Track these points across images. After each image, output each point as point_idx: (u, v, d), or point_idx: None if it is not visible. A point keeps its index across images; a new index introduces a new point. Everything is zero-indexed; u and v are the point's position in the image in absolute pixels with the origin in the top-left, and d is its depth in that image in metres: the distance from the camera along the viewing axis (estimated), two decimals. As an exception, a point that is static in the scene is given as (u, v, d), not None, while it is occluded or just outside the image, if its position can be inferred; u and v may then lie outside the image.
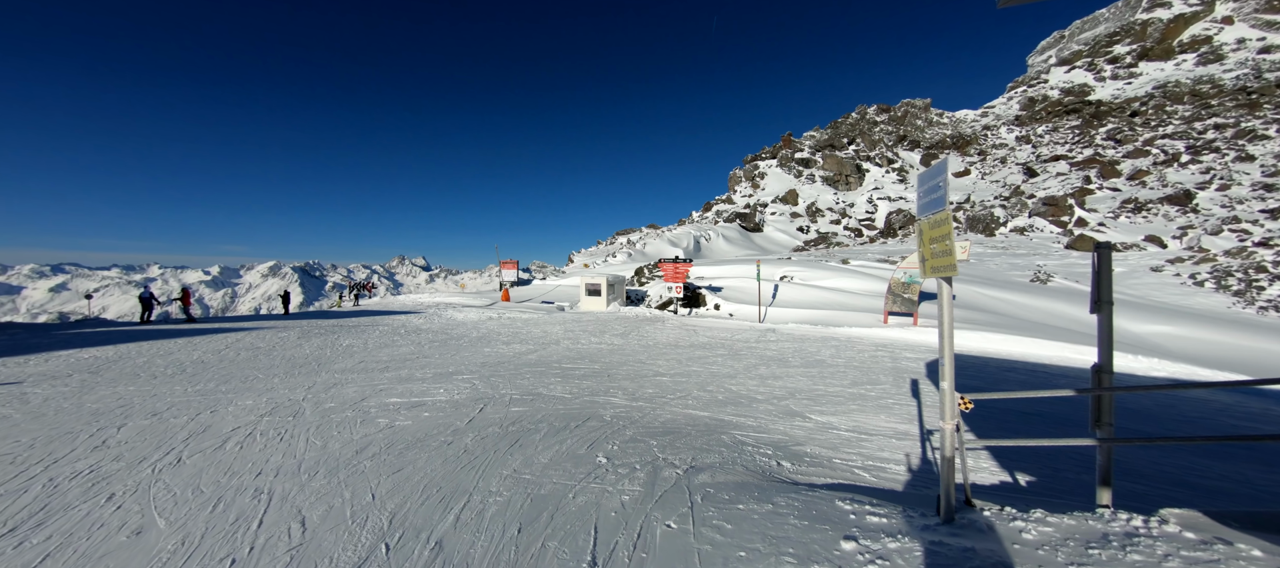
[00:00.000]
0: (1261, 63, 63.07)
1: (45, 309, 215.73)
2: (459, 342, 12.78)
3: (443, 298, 28.41)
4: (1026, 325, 16.86)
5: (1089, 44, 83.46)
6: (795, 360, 11.00)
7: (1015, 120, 75.69)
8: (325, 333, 14.02)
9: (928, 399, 8.06)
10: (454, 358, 10.27)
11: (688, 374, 9.17)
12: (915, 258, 16.35)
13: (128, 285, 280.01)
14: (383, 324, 16.83)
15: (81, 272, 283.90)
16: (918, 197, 2.95)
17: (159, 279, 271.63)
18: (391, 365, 9.35)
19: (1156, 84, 68.77)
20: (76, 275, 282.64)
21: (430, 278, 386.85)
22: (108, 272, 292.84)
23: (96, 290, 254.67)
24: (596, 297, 21.61)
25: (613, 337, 14.05)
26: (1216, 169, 45.80)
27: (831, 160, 65.22)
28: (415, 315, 19.84)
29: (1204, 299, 20.04)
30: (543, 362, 9.95)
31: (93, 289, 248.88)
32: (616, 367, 9.62)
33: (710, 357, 11.15)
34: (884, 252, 35.30)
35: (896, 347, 13.74)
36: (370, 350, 11.13)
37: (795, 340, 13.99)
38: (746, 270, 25.30)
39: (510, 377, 8.34)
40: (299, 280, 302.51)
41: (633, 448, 4.64)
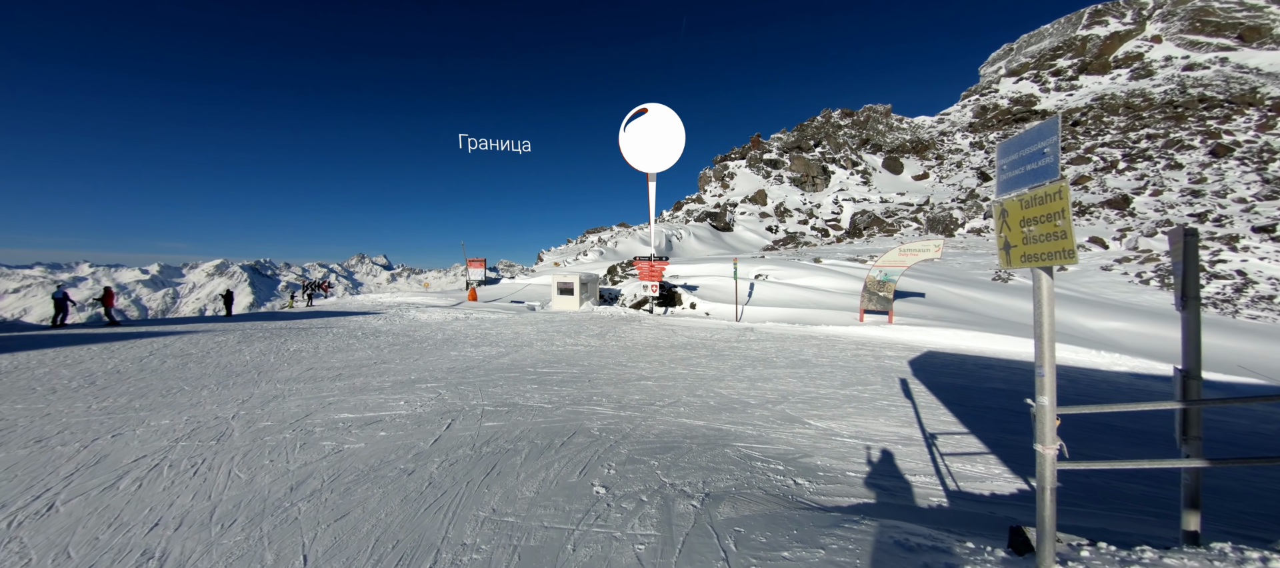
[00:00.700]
0: (1185, 79, 68.21)
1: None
2: (422, 345, 11.75)
3: (405, 298, 26.82)
4: (995, 322, 17.19)
5: (1035, 57, 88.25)
6: (780, 361, 10.61)
7: (969, 127, 79.16)
8: (270, 337, 12.66)
9: (921, 400, 7.76)
10: (417, 363, 9.31)
11: (673, 377, 8.58)
12: (890, 256, 16.38)
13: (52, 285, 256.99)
14: (338, 326, 15.50)
15: (0, 271, 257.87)
16: (1001, 169, 2.44)
17: (89, 278, 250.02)
18: (344, 373, 8.33)
19: (1095, 96, 73.28)
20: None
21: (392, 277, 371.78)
22: (30, 270, 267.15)
23: (15, 291, 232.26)
24: (569, 296, 20.78)
25: (589, 337, 13.33)
26: (1149, 176, 49.04)
27: (799, 162, 66.33)
28: (374, 316, 18.49)
29: (1150, 296, 21.09)
30: (516, 366, 9.14)
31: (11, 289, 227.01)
32: (596, 370, 8.93)
33: (693, 358, 10.61)
34: (851, 251, 35.91)
35: (876, 345, 13.62)
36: (321, 356, 10.01)
37: (776, 340, 13.66)
38: (721, 269, 25.03)
39: (481, 384, 7.51)
40: (249, 280, 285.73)
41: (632, 472, 4.00)
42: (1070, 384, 9.94)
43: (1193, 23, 75.04)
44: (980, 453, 5.74)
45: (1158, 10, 79.07)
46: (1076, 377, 10.90)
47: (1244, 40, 70.03)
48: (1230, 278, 20.80)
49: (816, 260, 27.01)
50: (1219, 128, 54.48)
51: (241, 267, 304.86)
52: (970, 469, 5.22)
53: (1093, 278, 23.72)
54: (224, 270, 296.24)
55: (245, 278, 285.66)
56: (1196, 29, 74.64)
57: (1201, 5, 75.40)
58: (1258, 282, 20.45)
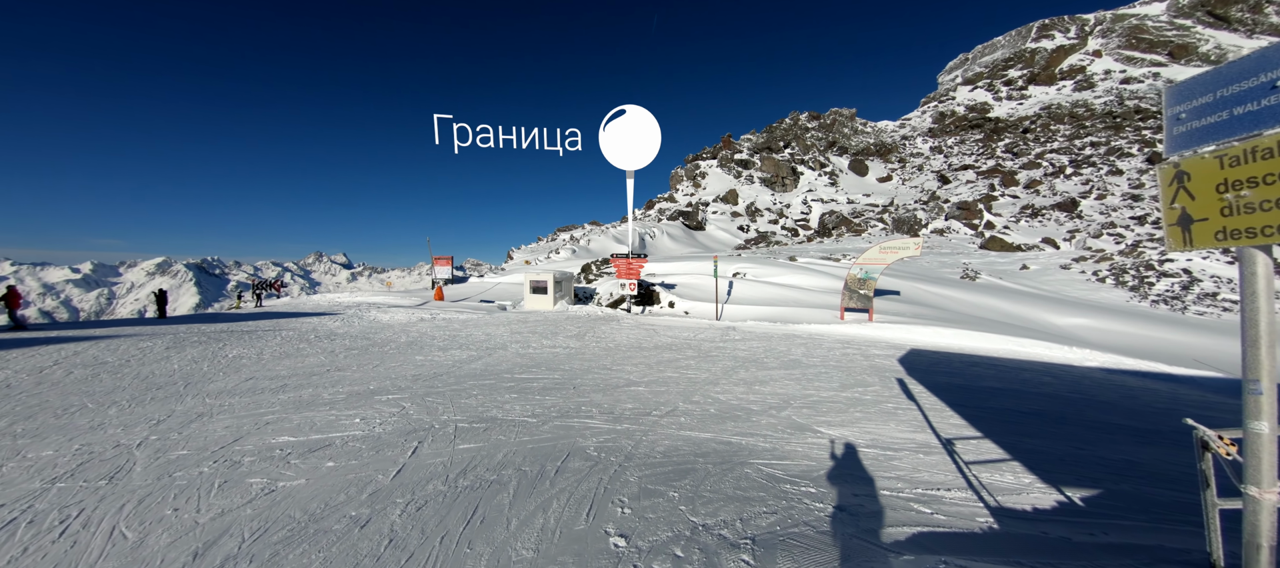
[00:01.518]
0: (1123, 92, 72.78)
1: None
2: (384, 348, 10.62)
3: (366, 297, 25.01)
4: (969, 319, 17.34)
5: (988, 67, 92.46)
6: (771, 361, 10.09)
7: (928, 132, 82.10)
8: (207, 341, 11.20)
9: (923, 402, 7.35)
10: (377, 370, 8.25)
11: (664, 382, 7.89)
12: (871, 254, 16.24)
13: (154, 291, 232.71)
14: (288, 328, 14.05)
15: None
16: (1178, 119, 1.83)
17: (12, 277, 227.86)
18: (291, 383, 7.21)
19: (1043, 105, 77.24)
20: None
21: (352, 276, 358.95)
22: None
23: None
24: (543, 295, 19.80)
25: (567, 339, 12.48)
26: (1094, 181, 51.90)
27: (769, 162, 67.03)
28: (330, 317, 16.99)
29: (1107, 294, 21.93)
30: (491, 372, 8.23)
31: None
32: (580, 375, 8.14)
33: (680, 360, 9.96)
34: (824, 250, 36.25)
35: (861, 343, 13.34)
36: (264, 363, 8.78)
37: (761, 339, 13.19)
38: (699, 267, 24.56)
39: (452, 394, 6.59)
40: (195, 280, 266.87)
41: (651, 510, 3.27)
42: (1055, 381, 9.85)
43: (1129, 40, 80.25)
44: (1002, 460, 5.32)
45: (1098, 27, 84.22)
46: (1058, 373, 10.85)
47: (1174, 57, 75.39)
48: (1178, 277, 21.85)
49: (792, 259, 26.95)
50: (1154, 137, 58.28)
51: (186, 265, 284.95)
52: (1001, 480, 4.75)
53: (1053, 277, 24.57)
54: (166, 269, 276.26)
55: (190, 278, 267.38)
56: (1132, 46, 79.88)
57: (1136, 24, 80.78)
58: (1202, 279, 21.53)
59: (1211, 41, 74.74)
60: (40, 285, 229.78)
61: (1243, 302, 1.62)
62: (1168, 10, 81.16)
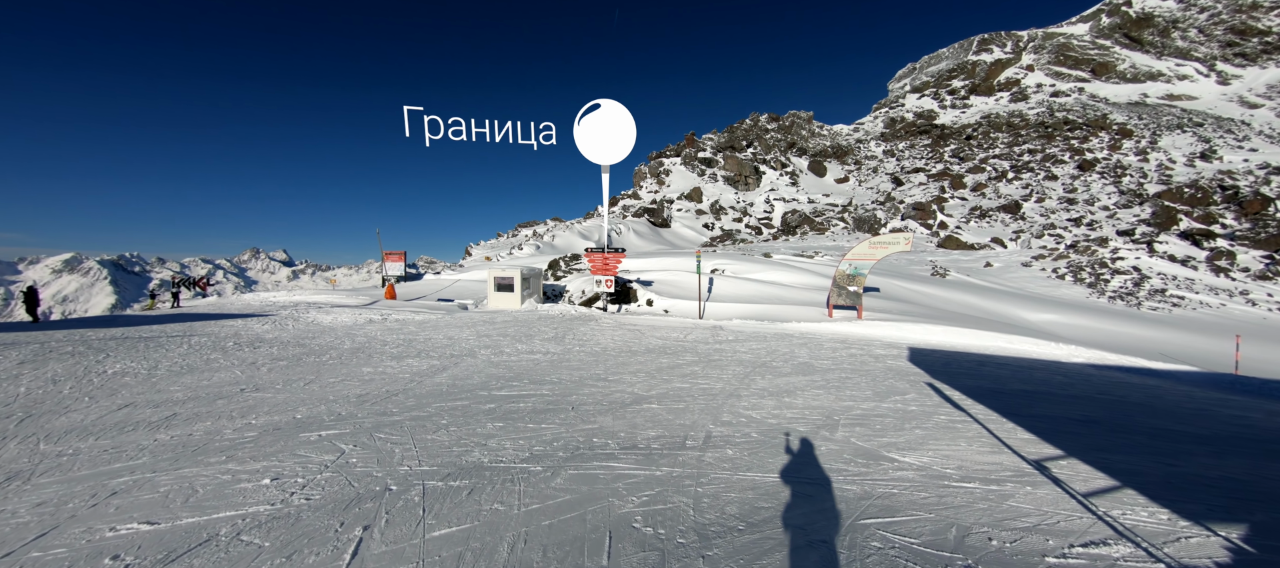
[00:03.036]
0: (1052, 104, 78.12)
1: None
2: (321, 357, 8.77)
3: (307, 296, 22.16)
4: (950, 316, 17.16)
5: (934, 77, 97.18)
6: (781, 365, 9.08)
7: (881, 136, 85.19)
8: (87, 352, 8.90)
9: (972, 410, 6.50)
10: (309, 389, 6.49)
11: (678, 396, 6.65)
12: (860, 250, 15.69)
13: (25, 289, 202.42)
14: (202, 333, 11.75)
15: None
16: None
17: None
18: (182, 412, 5.37)
19: (983, 114, 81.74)
20: None
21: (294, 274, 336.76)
22: None
23: None
24: (509, 293, 18.07)
25: (544, 342, 11.00)
26: (1033, 185, 55.10)
27: (732, 161, 67.20)
28: (259, 319, 14.57)
29: (1068, 290, 22.63)
30: (461, 388, 6.67)
31: None
32: (575, 389, 6.74)
33: (682, 365, 8.77)
34: (794, 248, 36.18)
35: (859, 342, 12.64)
36: (155, 382, 6.80)
37: (755, 339, 12.21)
38: (674, 263, 23.49)
39: (412, 426, 5.00)
40: (110, 278, 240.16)
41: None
42: (1068, 380, 9.41)
43: (1057, 56, 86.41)
44: (1113, 488, 4.43)
45: (1031, 43, 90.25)
46: (1066, 371, 10.49)
47: (1096, 74, 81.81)
48: (1129, 273, 22.83)
49: (767, 255, 26.41)
50: (1082, 146, 62.77)
51: (101, 262, 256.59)
52: (1145, 521, 3.80)
53: (1016, 273, 25.27)
54: (76, 266, 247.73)
55: (105, 275, 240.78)
56: (1060, 62, 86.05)
57: (1063, 42, 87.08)
58: (1150, 277, 22.57)
59: (1127, 61, 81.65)
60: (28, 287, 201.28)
61: None
62: (1090, 32, 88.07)
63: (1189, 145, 55.77)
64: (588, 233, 38.06)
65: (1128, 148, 59.75)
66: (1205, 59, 76.26)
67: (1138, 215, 43.14)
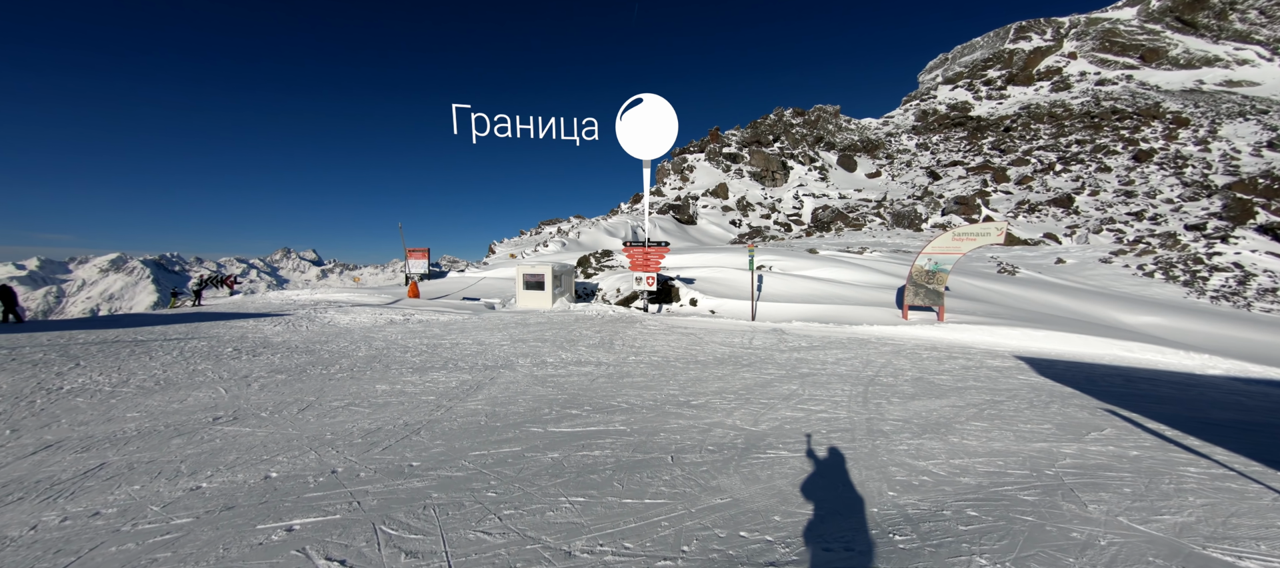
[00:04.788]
0: (1098, 93, 73.96)
1: None
2: (330, 368, 7.24)
3: (330, 294, 20.95)
4: (1043, 318, 14.98)
5: (968, 67, 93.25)
6: (893, 380, 7.26)
7: (912, 130, 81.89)
8: (53, 361, 7.52)
9: (1217, 455, 4.61)
10: (300, 422, 4.88)
11: (796, 431, 4.91)
12: (942, 242, 13.68)
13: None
14: (205, 336, 10.40)
15: None
16: None
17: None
18: (106, 468, 3.75)
19: (1022, 105, 77.88)
20: None
21: (323, 273, 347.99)
22: None
23: None
24: (539, 291, 16.49)
25: (591, 349, 9.33)
26: (1084, 178, 51.71)
27: (758, 156, 64.96)
28: (273, 320, 13.24)
29: (1160, 289, 20.14)
30: (504, 421, 5.00)
31: None
32: (659, 424, 5.03)
33: (772, 383, 7.00)
34: (831, 244, 33.99)
35: (956, 349, 10.68)
36: (111, 407, 5.28)
37: (836, 347, 10.35)
38: (715, 259, 21.68)
39: (444, 507, 3.31)
40: (152, 276, 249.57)
41: None
42: (1234, 398, 7.37)
43: (1102, 43, 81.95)
44: None
45: (1073, 29, 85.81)
46: (1182, 383, 8.39)
47: (1145, 61, 77.25)
48: (1231, 271, 20.24)
49: (813, 251, 24.41)
50: (1134, 136, 58.94)
51: (143, 262, 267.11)
52: None
53: (1094, 271, 22.80)
54: (121, 266, 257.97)
55: (148, 274, 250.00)
56: (1105, 49, 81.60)
57: (1109, 28, 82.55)
58: (1256, 274, 19.95)
59: (1180, 46, 76.93)
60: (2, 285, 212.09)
61: None
62: (1139, 15, 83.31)
63: (1254, 134, 51.75)
64: (614, 229, 36.47)
65: (1185, 137, 55.85)
66: (1268, 42, 71.26)
67: (1207, 208, 39.83)
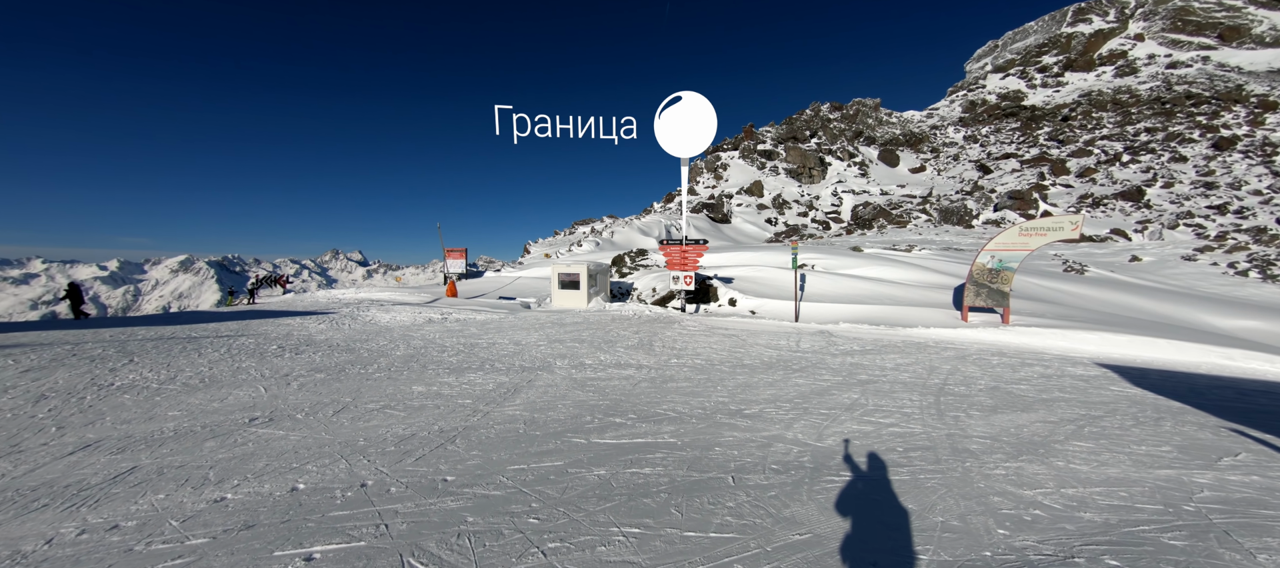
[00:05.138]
0: (1170, 76, 68.32)
1: None
2: (367, 368, 7.14)
3: (373, 294, 21.56)
4: (1123, 321, 13.61)
5: (1020, 54, 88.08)
6: (965, 390, 6.54)
7: (959, 121, 77.95)
8: (109, 357, 7.73)
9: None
10: (335, 425, 4.69)
11: (859, 446, 4.35)
12: (1007, 237, 12.61)
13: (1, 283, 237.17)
14: (254, 333, 10.63)
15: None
16: None
17: (42, 275, 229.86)
18: (136, 471, 3.63)
19: (1081, 92, 72.86)
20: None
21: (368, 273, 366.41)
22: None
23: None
24: (575, 291, 16.28)
25: (630, 351, 8.95)
26: (1156, 168, 47.74)
27: (795, 153, 63.22)
28: (318, 318, 13.55)
29: (1256, 289, 18.08)
30: (544, 430, 4.65)
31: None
32: (712, 437, 4.57)
33: (827, 390, 6.42)
34: (875, 242, 32.49)
35: (1027, 355, 9.71)
36: (154, 405, 5.27)
37: (893, 350, 9.59)
38: (752, 257, 20.97)
39: (480, 535, 3.01)
40: (216, 277, 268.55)
41: None
42: None
43: (1174, 22, 75.74)
44: None
45: (1139, 9, 79.67)
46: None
47: (1224, 39, 70.87)
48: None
49: (856, 249, 23.30)
50: (1212, 122, 54.04)
51: (208, 263, 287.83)
52: None
53: (1175, 269, 20.76)
54: (189, 267, 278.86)
55: (212, 274, 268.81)
56: (1177, 28, 75.37)
57: (1182, 5, 76.18)
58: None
59: (1265, 22, 70.21)
60: (68, 283, 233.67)
61: None
62: (1217, -10, 76.46)
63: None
64: (648, 228, 36.08)
65: (1274, 123, 50.81)
66: (1374, 14, 64.23)
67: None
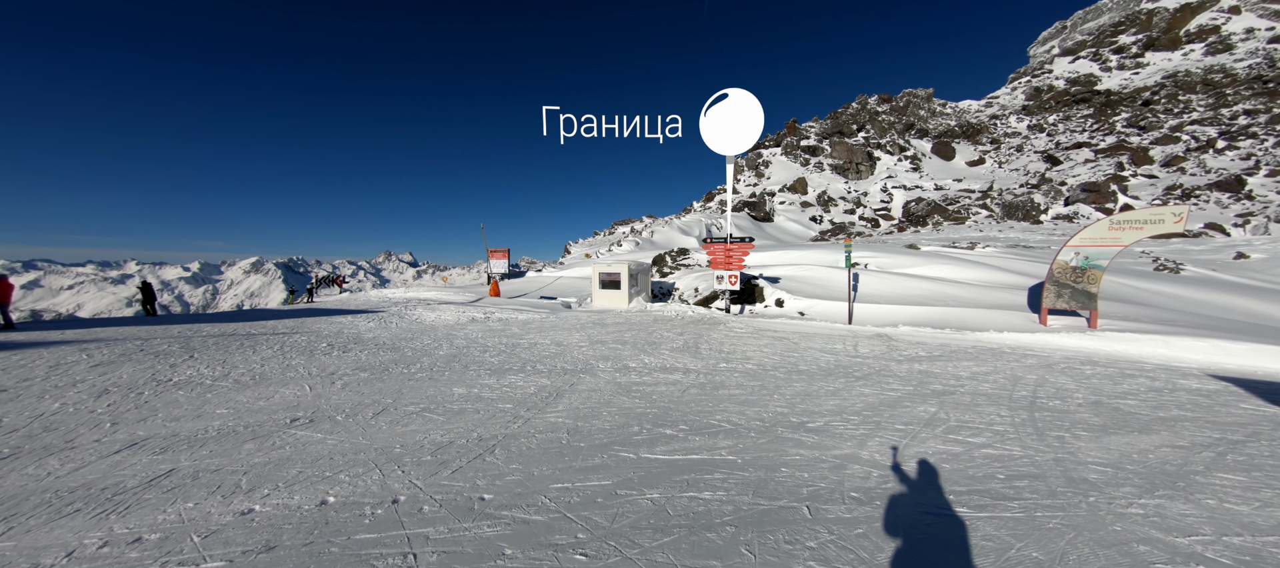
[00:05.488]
0: (1273, 52, 61.08)
1: (16, 307, 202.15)
2: (409, 368, 7.06)
3: (421, 293, 22.26)
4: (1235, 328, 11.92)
5: (1093, 34, 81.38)
6: (1061, 403, 5.71)
7: (1022, 110, 72.86)
8: (172, 353, 8.03)
9: None
10: (373, 428, 4.51)
11: (957, 473, 3.72)
12: (1095, 231, 11.30)
13: (103, 282, 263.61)
14: (308, 331, 10.95)
15: (55, 268, 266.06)
16: None
17: (137, 275, 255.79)
18: (175, 474, 3.50)
19: (1166, 74, 66.34)
20: (50, 272, 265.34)
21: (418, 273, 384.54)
22: (82, 268, 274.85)
23: (69, 287, 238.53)
24: (615, 290, 16.00)
25: (674, 353, 8.52)
26: (1258, 155, 42.71)
27: (841, 148, 60.79)
28: (367, 317, 13.94)
29: (1400, 292, 15.51)
30: (587, 441, 4.28)
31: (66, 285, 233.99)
32: (775, 455, 4.08)
33: (897, 401, 5.75)
34: (942, 238, 30.54)
35: (1125, 364, 8.57)
36: (205, 401, 5.31)
37: (966, 357, 8.69)
38: (800, 256, 20.05)
39: (523, 542, 2.69)
40: (283, 277, 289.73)
41: None
42: None
43: (1279, -10, 67.72)
44: None
45: (1236, -22, 71.71)
46: None
47: (1342, 7, 62.80)
48: None
49: (912, 247, 21.89)
50: (1330, 102, 47.90)
51: (276, 264, 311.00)
52: None
53: (1292, 267, 18.23)
54: (259, 268, 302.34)
55: (279, 275, 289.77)
56: (1283, -3, 67.36)
57: (1288, -29, 68.06)
58: None
59: (1395, -14, 61.73)
60: (158, 282, 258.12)
61: None
62: (1332, -48, 67.95)
63: None
64: (688, 228, 35.48)
65: (1407, 99, 44.54)
66: None
67: None
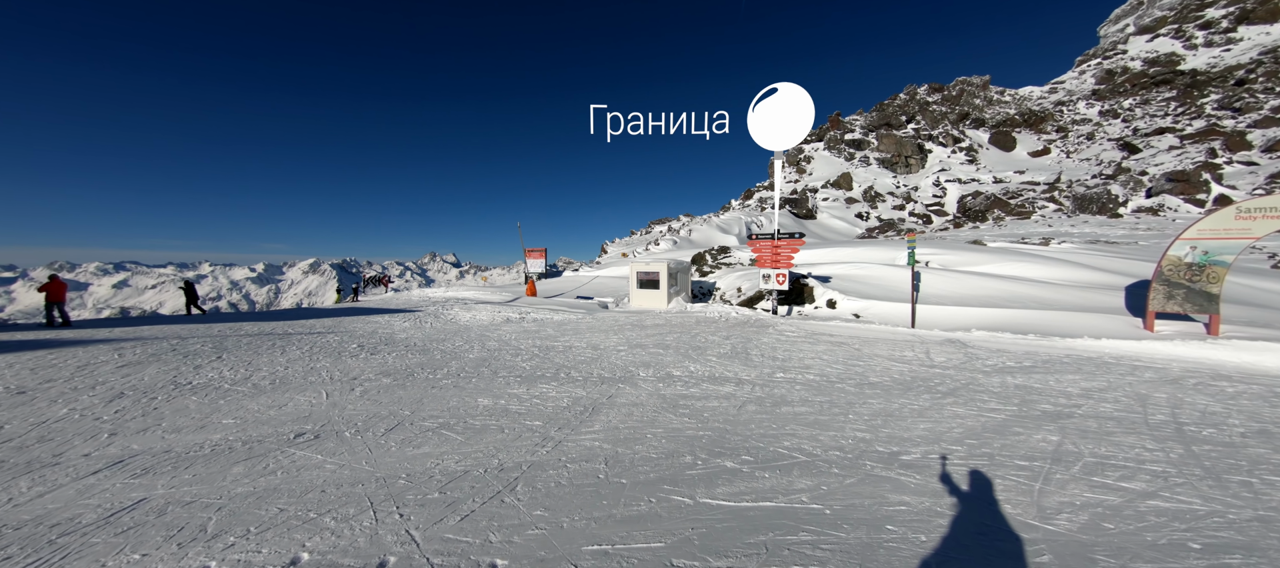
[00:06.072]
0: (1400, 19, 53.72)
1: (108, 304, 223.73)
2: (437, 372, 6.56)
3: (461, 292, 22.39)
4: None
5: (1174, 9, 74.15)
6: (1216, 434, 4.51)
7: (1093, 95, 67.24)
8: (200, 353, 7.86)
9: None
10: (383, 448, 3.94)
11: (1123, 535, 2.75)
12: (1216, 220, 9.64)
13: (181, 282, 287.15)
14: (342, 331, 10.79)
15: (141, 269, 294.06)
16: None
17: (209, 276, 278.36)
18: (149, 501, 3.02)
19: (1264, 49, 59.51)
20: (136, 273, 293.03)
21: (460, 273, 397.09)
22: (164, 269, 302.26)
23: (152, 287, 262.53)
24: (654, 290, 15.26)
25: (724, 361, 7.67)
26: (1387, 136, 37.43)
27: (888, 140, 57.79)
28: (403, 316, 13.82)
29: None
30: (631, 477, 3.52)
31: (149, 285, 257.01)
32: (871, 506, 3.23)
33: (1004, 425, 4.73)
34: (1007, 234, 28.16)
35: (1270, 380, 7.07)
36: (216, 409, 4.93)
37: (1057, 369, 7.43)
38: (850, 254, 18.70)
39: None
40: (337, 277, 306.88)
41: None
42: None
43: (1407, -51, 59.63)
44: None
45: (1352, -62, 63.58)
46: None
47: None
48: None
49: (977, 243, 20.05)
50: None
51: (330, 264, 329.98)
52: None
53: None
54: (316, 268, 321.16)
55: (334, 275, 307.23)
56: None
57: None
58: None
59: None
60: (228, 282, 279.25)
61: None
62: None
63: None
64: (727, 225, 34.33)
65: None
66: None
67: None
